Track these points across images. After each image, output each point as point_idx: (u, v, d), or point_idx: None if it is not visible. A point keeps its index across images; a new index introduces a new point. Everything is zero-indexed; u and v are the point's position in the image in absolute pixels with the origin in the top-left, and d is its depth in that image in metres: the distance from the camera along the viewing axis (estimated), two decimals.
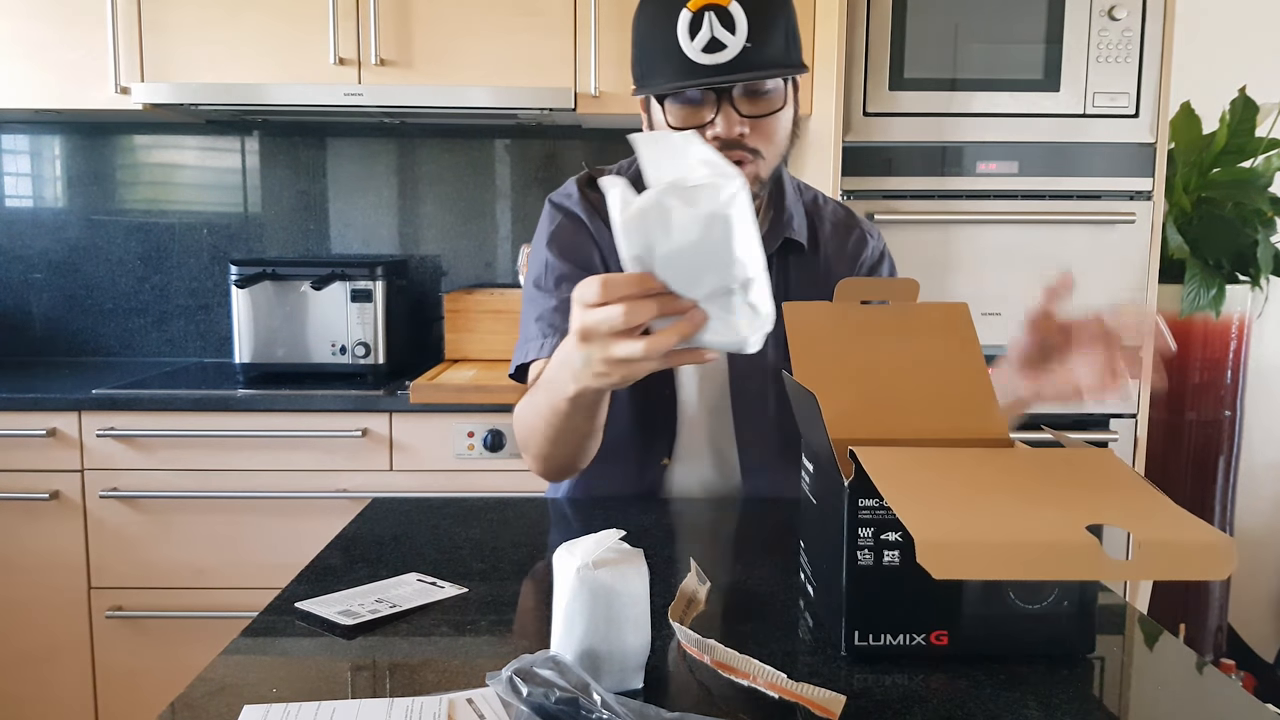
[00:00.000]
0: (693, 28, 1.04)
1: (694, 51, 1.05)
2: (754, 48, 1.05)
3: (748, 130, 1.09)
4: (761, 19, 1.05)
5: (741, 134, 1.09)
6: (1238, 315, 2.39)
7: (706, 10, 1.04)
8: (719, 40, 1.04)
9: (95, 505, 2.13)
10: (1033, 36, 2.08)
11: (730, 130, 1.08)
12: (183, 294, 2.71)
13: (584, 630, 0.71)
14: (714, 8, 1.04)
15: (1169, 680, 0.80)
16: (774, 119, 1.11)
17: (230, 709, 0.69)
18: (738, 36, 1.04)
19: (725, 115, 1.08)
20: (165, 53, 2.28)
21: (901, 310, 0.95)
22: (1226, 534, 0.88)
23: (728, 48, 1.04)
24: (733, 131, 1.08)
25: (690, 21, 1.04)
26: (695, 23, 1.04)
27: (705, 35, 1.04)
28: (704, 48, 1.04)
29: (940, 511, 0.66)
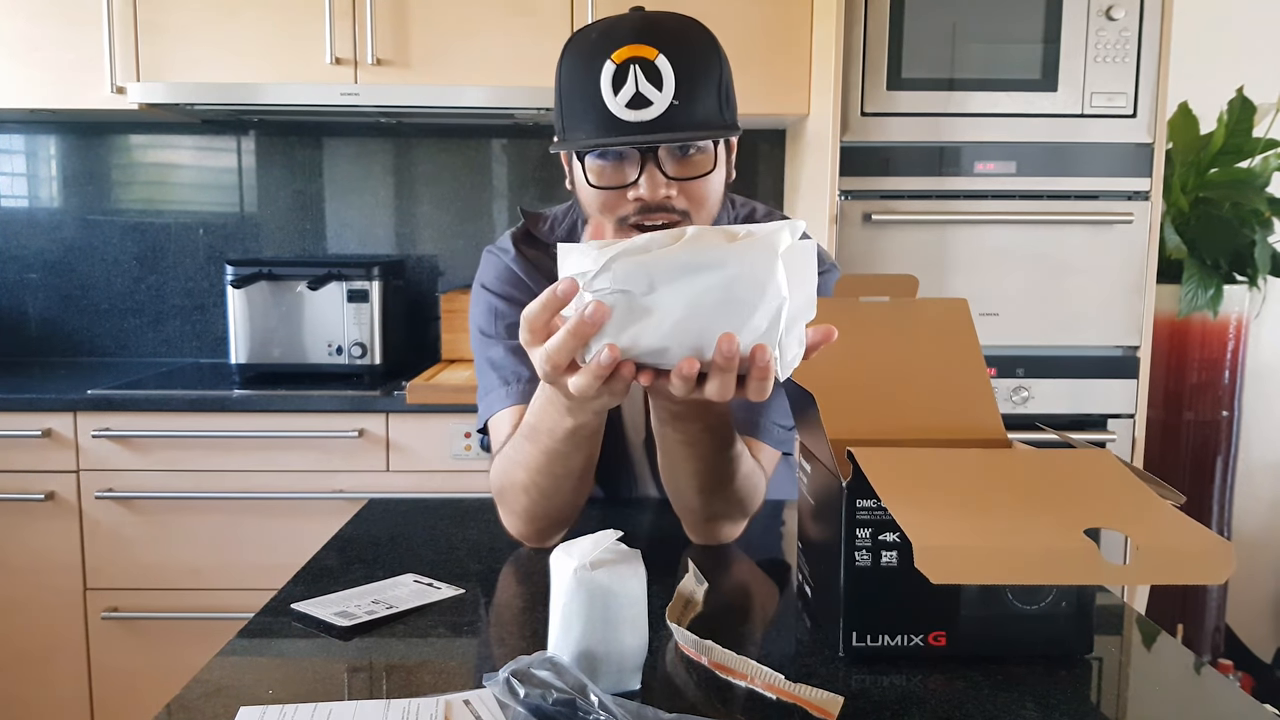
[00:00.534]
0: (616, 81, 0.96)
1: (617, 107, 0.97)
2: (682, 105, 0.97)
3: (674, 193, 1.00)
4: (690, 75, 0.97)
5: (667, 196, 1.00)
6: (1235, 315, 2.39)
7: (631, 63, 0.96)
8: (644, 96, 0.96)
9: (91, 506, 2.13)
10: (1030, 36, 2.08)
11: (655, 193, 0.99)
12: (178, 294, 2.70)
13: (581, 631, 0.71)
14: (639, 60, 0.96)
15: (1167, 681, 0.80)
16: (703, 182, 1.02)
17: (226, 710, 0.69)
18: (664, 93, 0.96)
19: (650, 176, 0.99)
20: (161, 52, 2.28)
21: (900, 306, 0.94)
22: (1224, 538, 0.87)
23: (653, 104, 0.96)
24: (657, 194, 1.00)
25: (614, 74, 0.96)
26: (619, 76, 0.96)
27: (630, 90, 0.96)
28: (628, 103, 0.96)
29: (938, 515, 0.66)
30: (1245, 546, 2.73)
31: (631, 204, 1.01)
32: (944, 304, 0.94)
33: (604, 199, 1.02)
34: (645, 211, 1.01)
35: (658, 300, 0.70)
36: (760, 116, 2.37)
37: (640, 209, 1.01)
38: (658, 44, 0.96)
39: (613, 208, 1.02)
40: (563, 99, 1.03)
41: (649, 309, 0.70)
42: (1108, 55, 2.08)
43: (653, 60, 0.96)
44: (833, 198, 2.10)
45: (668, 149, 1.00)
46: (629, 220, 1.02)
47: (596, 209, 1.04)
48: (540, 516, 1.05)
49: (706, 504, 1.05)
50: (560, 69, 1.04)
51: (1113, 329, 2.15)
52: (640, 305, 0.70)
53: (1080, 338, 2.15)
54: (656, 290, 0.69)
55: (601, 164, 1.02)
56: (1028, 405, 2.15)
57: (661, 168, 1.00)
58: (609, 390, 0.76)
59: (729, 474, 1.01)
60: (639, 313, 0.70)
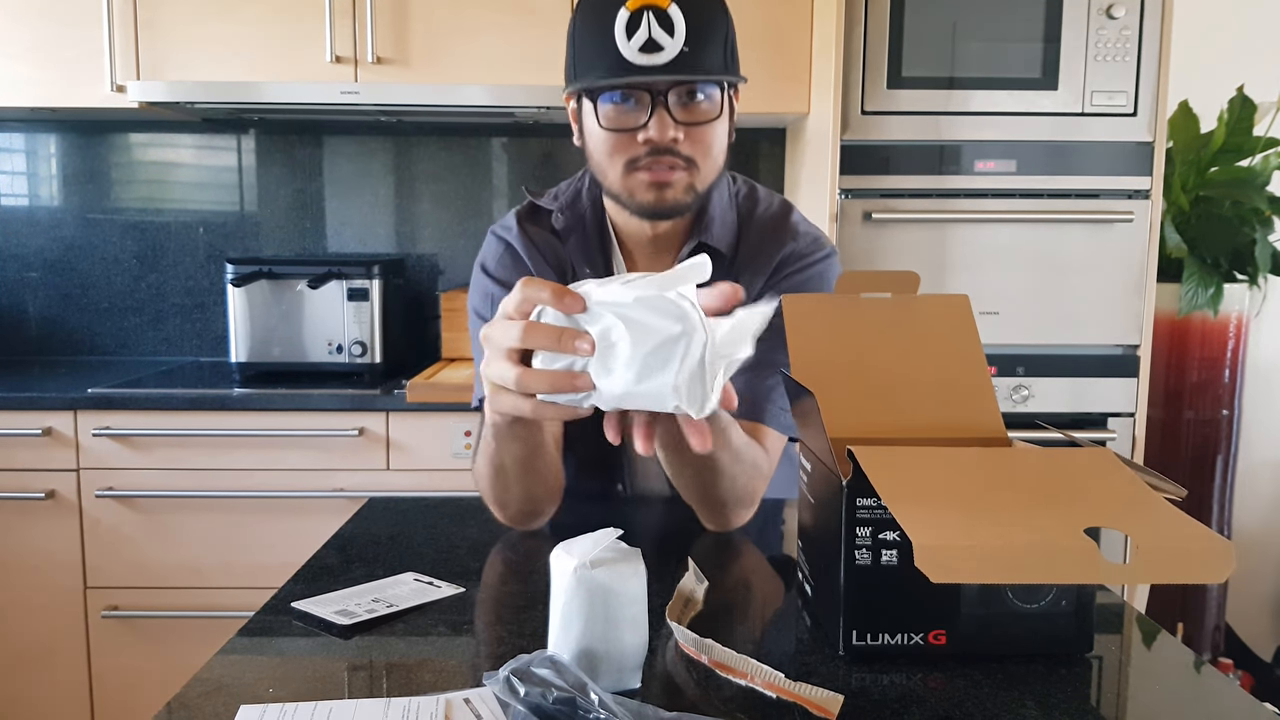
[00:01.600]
0: (630, 27, 1.01)
1: (630, 51, 1.02)
2: (691, 52, 1.02)
3: (681, 137, 1.06)
4: (700, 25, 1.03)
5: (675, 139, 1.05)
6: (1235, 314, 2.39)
7: (645, 10, 1.01)
8: (656, 41, 1.01)
9: (91, 505, 2.13)
10: (1031, 35, 2.08)
11: (663, 134, 1.04)
12: (178, 293, 2.70)
13: (581, 630, 0.71)
14: (653, 9, 1.01)
15: (1167, 679, 0.80)
16: (709, 129, 1.07)
17: (226, 709, 0.69)
18: (675, 39, 1.02)
19: (659, 119, 1.04)
20: (161, 51, 2.28)
21: (901, 303, 0.94)
22: (1224, 536, 0.87)
23: (665, 50, 1.02)
24: (665, 136, 1.05)
25: (628, 21, 1.01)
26: (633, 22, 1.01)
27: (643, 35, 1.01)
28: (641, 47, 1.02)
29: (938, 514, 0.66)
30: (1245, 545, 2.73)
31: (641, 146, 1.05)
32: (945, 300, 0.94)
33: (614, 141, 1.06)
34: (654, 154, 1.06)
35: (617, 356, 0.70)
36: (760, 115, 2.37)
37: (649, 151, 1.05)
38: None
39: (622, 150, 1.07)
40: (576, 45, 1.08)
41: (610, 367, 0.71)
42: (1108, 54, 2.08)
43: (665, 9, 1.01)
44: (833, 196, 2.10)
45: (676, 96, 1.05)
46: (638, 163, 1.07)
47: (606, 152, 1.08)
48: (505, 504, 1.10)
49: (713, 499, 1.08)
50: (575, 16, 1.08)
51: (1113, 328, 2.15)
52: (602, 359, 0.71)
53: (1080, 336, 2.15)
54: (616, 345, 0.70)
55: (613, 107, 1.05)
56: (1028, 404, 2.15)
57: (670, 112, 1.04)
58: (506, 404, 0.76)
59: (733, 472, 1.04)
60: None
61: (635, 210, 1.12)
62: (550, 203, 1.24)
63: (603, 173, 1.11)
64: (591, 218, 1.22)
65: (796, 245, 1.21)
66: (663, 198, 1.09)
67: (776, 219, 1.24)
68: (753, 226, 1.23)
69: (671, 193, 1.08)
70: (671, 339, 0.68)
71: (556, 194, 1.27)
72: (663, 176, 1.07)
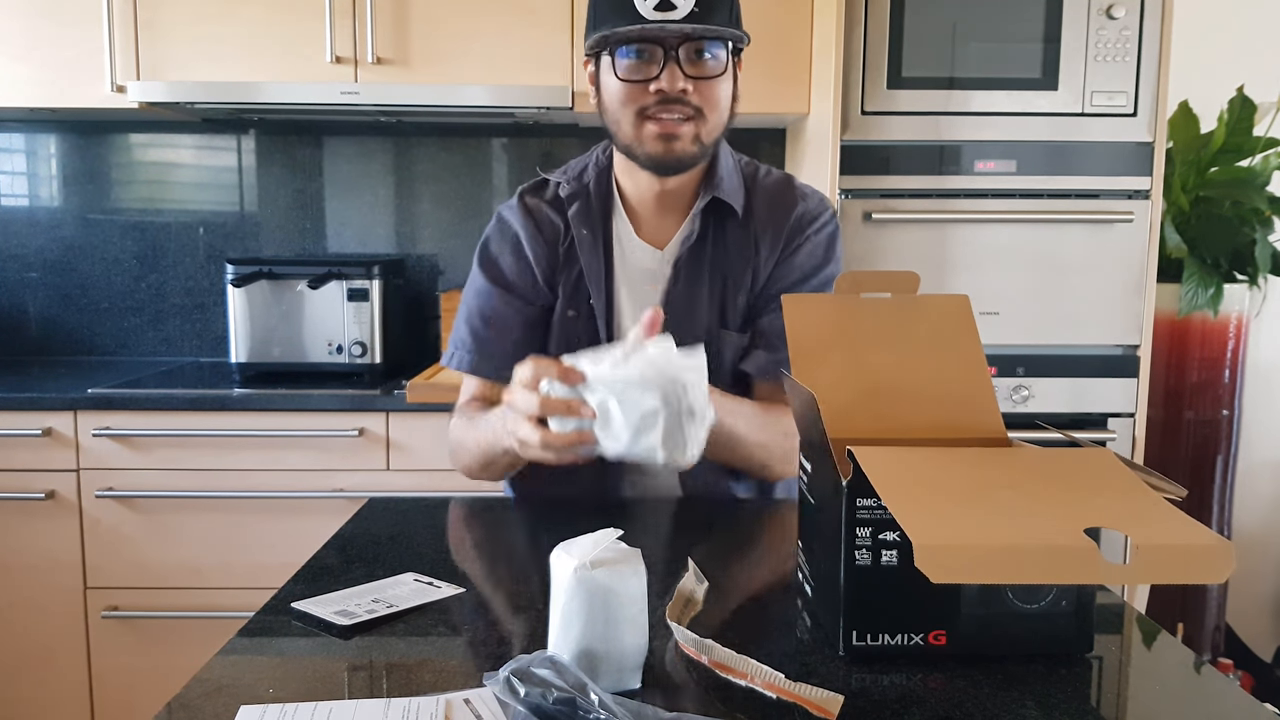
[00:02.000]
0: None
1: (645, 8, 1.12)
2: (701, 11, 1.13)
3: (690, 88, 1.16)
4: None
5: (684, 90, 1.16)
6: (1235, 314, 2.39)
7: None
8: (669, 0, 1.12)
9: (91, 505, 2.13)
10: (1031, 35, 2.08)
11: (674, 85, 1.15)
12: (178, 293, 2.70)
13: (581, 630, 0.71)
14: None
15: (1167, 680, 0.80)
16: (716, 84, 1.18)
17: (227, 709, 0.69)
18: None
19: (670, 71, 1.15)
20: (161, 51, 2.28)
21: (901, 303, 0.94)
22: (1224, 537, 0.87)
23: (677, 8, 1.12)
24: (675, 86, 1.15)
25: None
26: None
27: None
28: (656, 5, 1.12)
29: (938, 515, 0.66)
30: (1245, 545, 2.73)
31: (652, 95, 1.16)
32: (945, 300, 0.94)
33: (628, 91, 1.18)
34: (664, 103, 1.17)
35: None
36: (760, 116, 2.37)
37: (660, 100, 1.16)
38: None
39: (635, 99, 1.18)
40: (595, 4, 1.19)
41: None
42: (1108, 54, 2.08)
43: None
44: (833, 196, 2.10)
45: (686, 52, 1.15)
46: (648, 110, 1.17)
47: (620, 102, 1.19)
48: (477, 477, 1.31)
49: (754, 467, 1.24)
50: None
51: (1113, 328, 2.15)
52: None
53: (1080, 337, 2.15)
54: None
55: (629, 60, 1.17)
56: (1028, 404, 2.15)
57: (681, 65, 1.15)
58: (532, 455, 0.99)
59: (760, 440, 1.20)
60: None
61: (645, 161, 1.22)
62: (559, 175, 1.35)
63: (616, 123, 1.21)
64: (596, 185, 1.32)
65: (807, 206, 1.32)
66: (671, 149, 1.19)
67: (782, 182, 1.34)
68: (759, 189, 1.33)
69: (680, 144, 1.18)
70: (653, 411, 0.91)
71: (566, 168, 1.37)
72: (671, 129, 1.17)
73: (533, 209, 1.33)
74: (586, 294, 1.29)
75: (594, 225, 1.30)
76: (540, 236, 1.31)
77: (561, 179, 1.34)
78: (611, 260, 1.30)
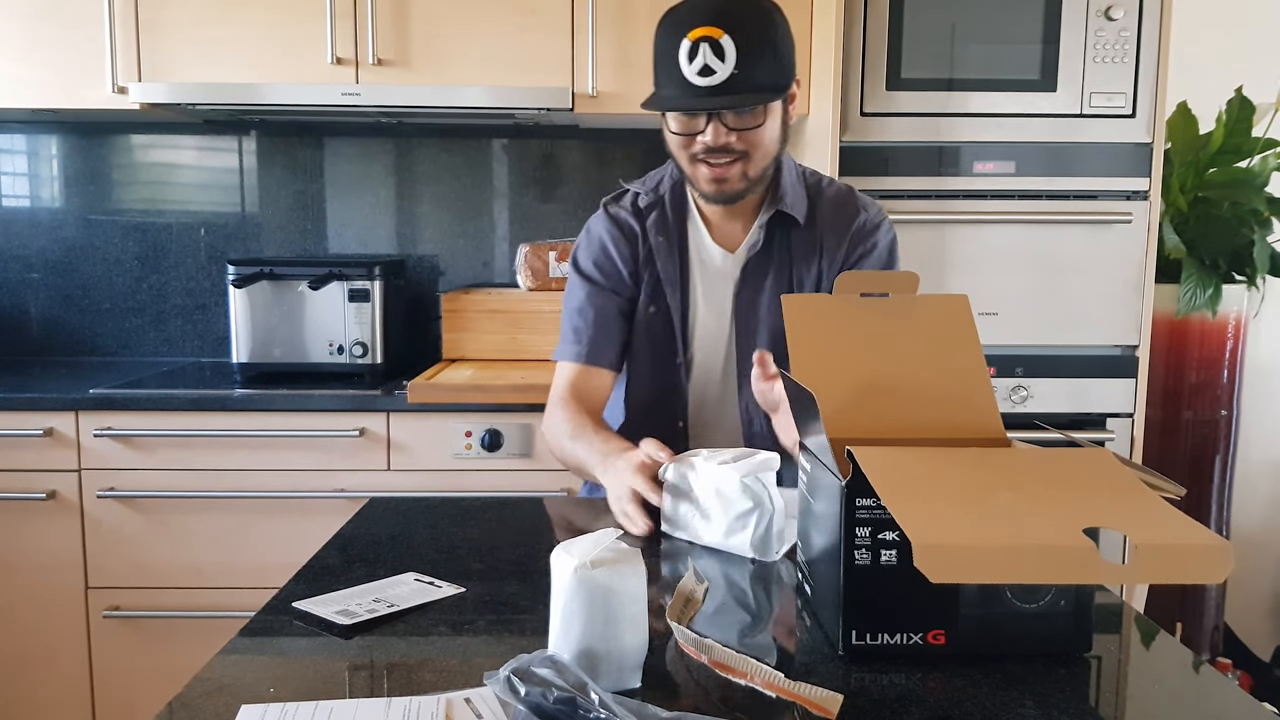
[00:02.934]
0: (690, 54, 1.25)
1: (691, 74, 1.26)
2: (740, 74, 1.25)
3: (734, 140, 1.30)
4: (748, 50, 1.25)
5: (727, 143, 1.30)
6: (1234, 315, 2.39)
7: (702, 41, 1.24)
8: (710, 67, 1.25)
9: (92, 505, 2.13)
10: (1030, 37, 2.08)
11: (717, 140, 1.30)
12: (180, 294, 2.70)
13: (581, 630, 0.71)
14: (708, 39, 1.24)
15: (1166, 679, 0.80)
16: (757, 131, 1.31)
17: (228, 709, 0.70)
18: (726, 64, 1.24)
19: (714, 128, 1.30)
20: (162, 52, 2.28)
21: (901, 303, 0.95)
22: (1223, 537, 0.88)
23: (718, 73, 1.25)
24: (719, 141, 1.30)
25: (689, 50, 1.25)
26: (693, 50, 1.25)
27: (700, 61, 1.25)
28: (699, 72, 1.25)
29: (937, 514, 0.66)
30: (1244, 545, 2.73)
31: (700, 145, 1.32)
32: (944, 300, 0.95)
33: (680, 142, 1.34)
34: (710, 152, 1.31)
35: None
36: None
37: (705, 150, 1.31)
38: (724, 26, 1.24)
39: (687, 148, 1.34)
40: (656, 60, 1.33)
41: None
42: (1107, 55, 2.08)
43: (718, 39, 1.24)
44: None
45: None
46: (698, 156, 1.33)
47: (675, 148, 1.36)
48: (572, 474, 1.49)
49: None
50: (657, 37, 1.32)
51: (1112, 328, 2.15)
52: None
53: (1079, 337, 2.16)
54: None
55: (678, 117, 1.32)
56: (1027, 405, 2.15)
57: (723, 120, 1.29)
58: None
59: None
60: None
61: (701, 195, 1.40)
62: (638, 185, 1.52)
63: (678, 160, 1.38)
64: (671, 196, 1.49)
65: (869, 215, 1.47)
66: (721, 190, 1.35)
67: (844, 193, 1.49)
68: (823, 199, 1.47)
69: (729, 185, 1.35)
70: (747, 511, 1.05)
71: (645, 179, 1.54)
72: (720, 173, 1.33)
73: (614, 215, 1.50)
74: (664, 293, 1.46)
75: (669, 233, 1.47)
76: (623, 238, 1.48)
77: (640, 189, 1.51)
78: (687, 263, 1.47)
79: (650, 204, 1.49)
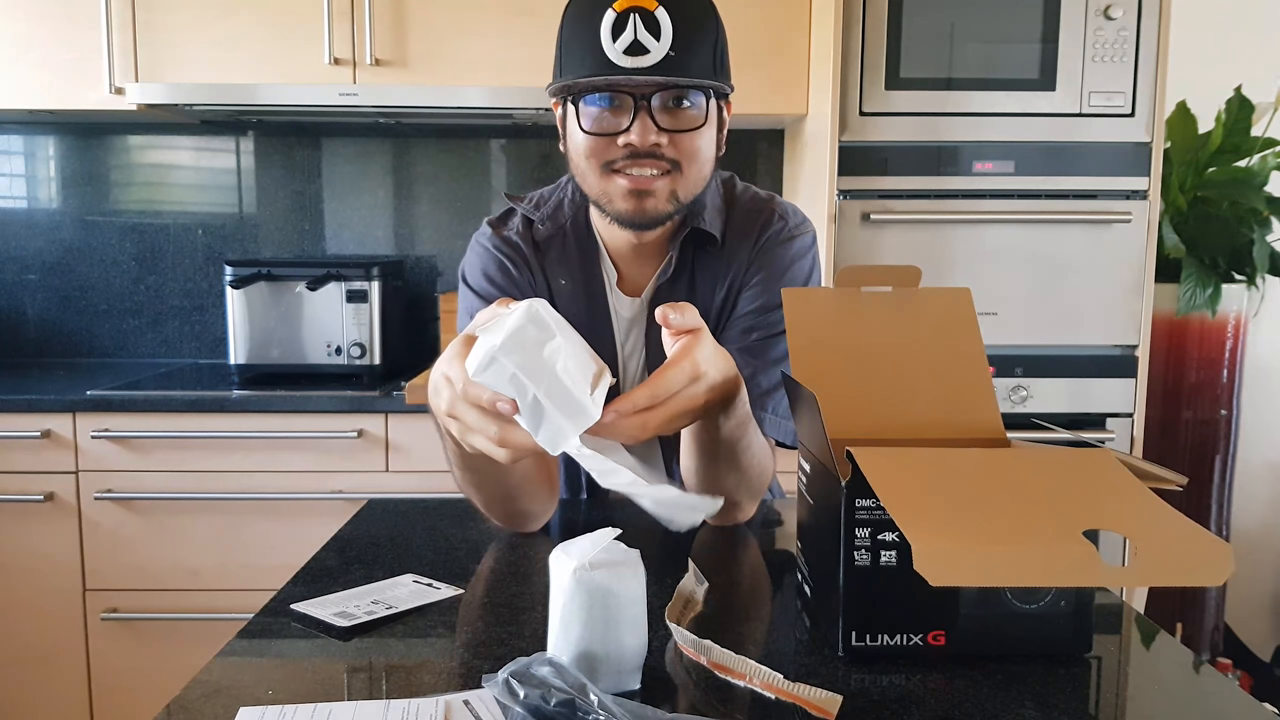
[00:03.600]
0: (616, 28, 1.00)
1: (615, 53, 1.00)
2: (678, 56, 1.00)
3: (664, 142, 1.03)
4: (688, 28, 1.01)
5: (656, 144, 1.03)
6: (1234, 314, 2.39)
7: (632, 12, 0.99)
8: (642, 43, 0.99)
9: (90, 507, 2.13)
10: (1028, 36, 2.08)
11: (644, 139, 1.02)
12: (177, 295, 2.70)
13: (581, 632, 0.71)
14: (639, 10, 0.99)
15: (1166, 680, 0.80)
16: (694, 136, 1.05)
17: (226, 711, 0.69)
18: (661, 42, 1.00)
19: (641, 123, 1.02)
20: (160, 53, 2.28)
21: (902, 296, 0.94)
22: (1223, 537, 0.87)
23: (650, 52, 1.00)
24: (647, 140, 1.02)
25: (614, 22, 1.00)
26: (619, 23, 1.00)
27: (628, 37, 0.99)
28: (626, 49, 1.00)
29: (937, 516, 0.66)
30: (1244, 545, 2.73)
31: (621, 149, 1.03)
32: (946, 294, 0.94)
33: (594, 144, 1.05)
34: (634, 157, 1.03)
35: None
36: (759, 116, 2.38)
37: (629, 154, 1.03)
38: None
39: (601, 153, 1.05)
40: (563, 45, 1.06)
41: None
42: (1106, 54, 2.08)
43: (652, 11, 0.99)
44: (831, 197, 2.10)
45: (661, 101, 1.03)
46: (615, 164, 1.05)
47: (585, 154, 1.06)
48: (490, 508, 1.08)
49: (730, 491, 1.05)
50: (564, 15, 1.06)
51: (1111, 328, 2.15)
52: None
53: (1079, 337, 2.16)
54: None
55: (596, 110, 1.04)
56: (1026, 404, 2.15)
57: (654, 116, 1.02)
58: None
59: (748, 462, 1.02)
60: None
61: (615, 218, 1.09)
62: (532, 210, 1.21)
63: (582, 176, 1.09)
64: (574, 228, 1.19)
65: (785, 225, 1.19)
66: (642, 207, 1.06)
67: (761, 200, 1.22)
68: (737, 208, 1.21)
69: (653, 201, 1.06)
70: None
71: (538, 201, 1.23)
72: (643, 184, 1.05)
73: (507, 239, 1.20)
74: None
75: (573, 274, 1.19)
76: (524, 264, 1.20)
77: (535, 215, 1.21)
78: (597, 313, 1.19)
79: (549, 235, 1.20)
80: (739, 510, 1.11)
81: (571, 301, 1.18)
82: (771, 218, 1.19)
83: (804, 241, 1.19)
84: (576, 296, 1.19)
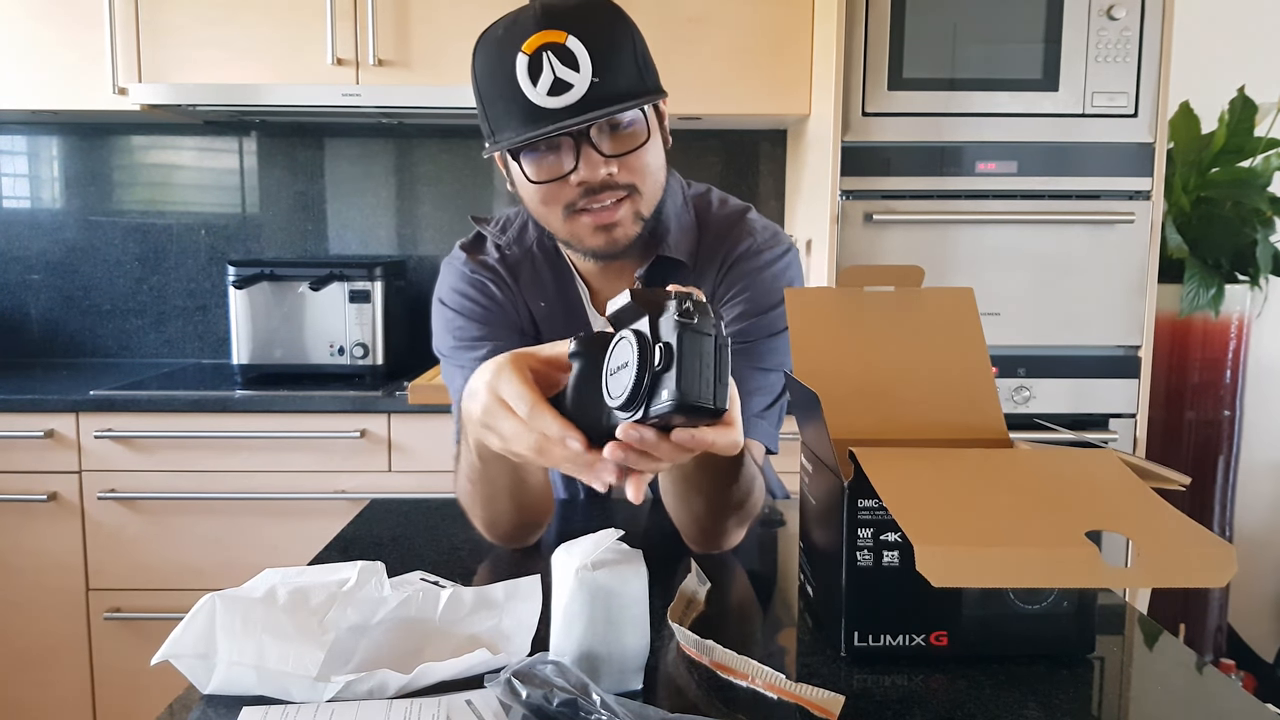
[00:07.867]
0: (532, 71, 0.95)
1: (539, 97, 0.95)
2: (602, 82, 0.96)
3: (615, 170, 1.00)
4: (604, 49, 0.96)
5: (609, 174, 1.00)
6: (1237, 315, 2.39)
7: (543, 50, 0.95)
8: (563, 80, 0.95)
9: (93, 506, 2.13)
10: (1031, 36, 2.08)
11: (594, 174, 0.99)
12: (180, 295, 2.70)
13: (583, 631, 0.71)
14: (551, 45, 0.95)
15: (1169, 680, 0.80)
16: (641, 153, 1.02)
17: (229, 710, 0.69)
18: (582, 74, 0.95)
19: (586, 159, 0.99)
20: (163, 53, 2.28)
21: (905, 296, 0.94)
22: (1226, 537, 0.87)
23: (574, 87, 0.95)
24: (597, 175, 0.99)
25: (529, 65, 0.95)
26: (534, 65, 0.95)
27: (548, 78, 0.95)
28: (549, 90, 0.95)
29: (940, 518, 0.66)
30: (1247, 546, 2.73)
31: (574, 189, 1.01)
32: (949, 294, 0.94)
33: (546, 192, 1.02)
34: (590, 194, 1.01)
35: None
36: (761, 117, 2.38)
37: (584, 192, 1.01)
38: (565, 26, 0.95)
39: (556, 199, 1.02)
40: (484, 100, 1.02)
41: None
42: (1109, 55, 2.08)
43: (564, 43, 0.95)
44: (834, 198, 2.10)
45: (599, 128, 0.99)
46: (575, 206, 1.02)
47: (540, 203, 1.04)
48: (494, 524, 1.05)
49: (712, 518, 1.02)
50: (474, 70, 1.03)
51: (1114, 328, 2.15)
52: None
53: (1082, 337, 2.15)
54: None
55: (537, 157, 1.00)
56: (1029, 405, 2.15)
57: (597, 147, 0.99)
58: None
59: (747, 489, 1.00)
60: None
61: (587, 254, 1.08)
62: (498, 235, 1.19)
63: (545, 220, 1.07)
64: (541, 249, 1.18)
65: (755, 240, 1.16)
66: (613, 238, 1.04)
67: (734, 215, 1.19)
68: (709, 225, 1.18)
69: (620, 230, 1.04)
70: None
71: (504, 224, 1.21)
72: (607, 217, 1.03)
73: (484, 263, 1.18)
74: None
75: (548, 296, 1.17)
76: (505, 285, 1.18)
77: (501, 240, 1.19)
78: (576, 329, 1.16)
79: (518, 260, 1.18)
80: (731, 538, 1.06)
81: (552, 323, 1.17)
82: (743, 235, 1.16)
83: (772, 254, 1.15)
84: (555, 317, 1.17)
